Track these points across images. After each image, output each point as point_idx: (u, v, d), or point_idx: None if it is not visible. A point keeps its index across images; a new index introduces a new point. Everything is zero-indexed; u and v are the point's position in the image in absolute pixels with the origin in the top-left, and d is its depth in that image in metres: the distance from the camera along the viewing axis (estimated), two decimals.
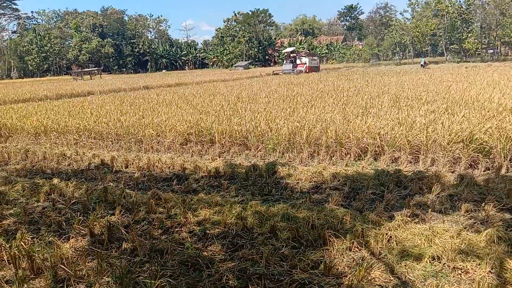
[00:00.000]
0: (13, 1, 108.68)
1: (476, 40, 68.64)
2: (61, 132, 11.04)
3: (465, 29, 68.99)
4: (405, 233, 4.23)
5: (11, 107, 17.91)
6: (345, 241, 4.10)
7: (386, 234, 4.19)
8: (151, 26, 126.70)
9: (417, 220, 4.66)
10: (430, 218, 4.85)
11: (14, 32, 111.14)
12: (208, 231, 4.59)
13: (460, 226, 4.48)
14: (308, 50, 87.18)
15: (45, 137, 11.15)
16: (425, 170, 6.84)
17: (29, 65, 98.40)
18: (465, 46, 69.05)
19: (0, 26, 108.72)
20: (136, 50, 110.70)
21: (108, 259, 3.95)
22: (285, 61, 51.71)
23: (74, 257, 4.02)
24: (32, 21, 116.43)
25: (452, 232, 4.19)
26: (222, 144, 9.04)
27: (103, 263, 3.80)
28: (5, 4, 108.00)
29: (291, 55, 51.34)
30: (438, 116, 9.21)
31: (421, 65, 53.07)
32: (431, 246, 3.93)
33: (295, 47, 61.79)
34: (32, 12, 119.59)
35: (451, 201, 5.43)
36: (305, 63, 46.67)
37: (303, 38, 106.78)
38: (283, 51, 69.46)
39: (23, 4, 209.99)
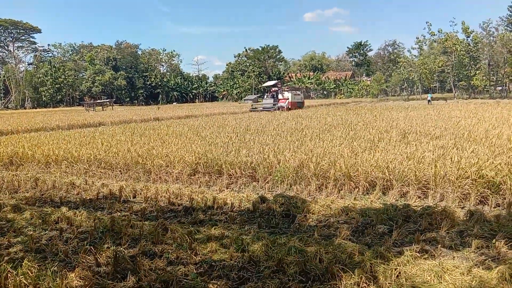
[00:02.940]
0: (31, 34, 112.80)
1: (484, 77, 69.05)
2: (71, 162, 11.16)
3: (473, 66, 69.56)
4: (415, 269, 4.15)
5: (23, 136, 18.24)
6: (353, 276, 4.02)
7: (395, 269, 4.12)
8: (163, 60, 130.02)
9: (426, 256, 4.58)
10: (440, 254, 4.76)
11: (30, 64, 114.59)
12: (214, 263, 4.54)
13: (470, 262, 4.39)
14: (316, 84, 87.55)
15: (56, 166, 11.27)
16: (434, 205, 6.75)
17: (43, 96, 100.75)
18: (473, 83, 69.45)
19: (18, 58, 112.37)
20: (148, 83, 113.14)
21: None
22: (265, 96, 45.69)
23: (79, 287, 3.99)
24: (48, 53, 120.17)
25: (463, 268, 4.10)
26: (230, 175, 9.06)
27: None
28: (23, 38, 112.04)
29: (272, 89, 45.27)
30: (446, 151, 9.18)
31: (428, 100, 52.99)
32: (441, 283, 3.84)
33: (277, 81, 55.77)
34: (48, 45, 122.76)
35: (461, 237, 5.34)
36: (288, 99, 41.39)
37: (312, 73, 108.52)
38: (263, 85, 63.88)
39: (40, 37, 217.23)
